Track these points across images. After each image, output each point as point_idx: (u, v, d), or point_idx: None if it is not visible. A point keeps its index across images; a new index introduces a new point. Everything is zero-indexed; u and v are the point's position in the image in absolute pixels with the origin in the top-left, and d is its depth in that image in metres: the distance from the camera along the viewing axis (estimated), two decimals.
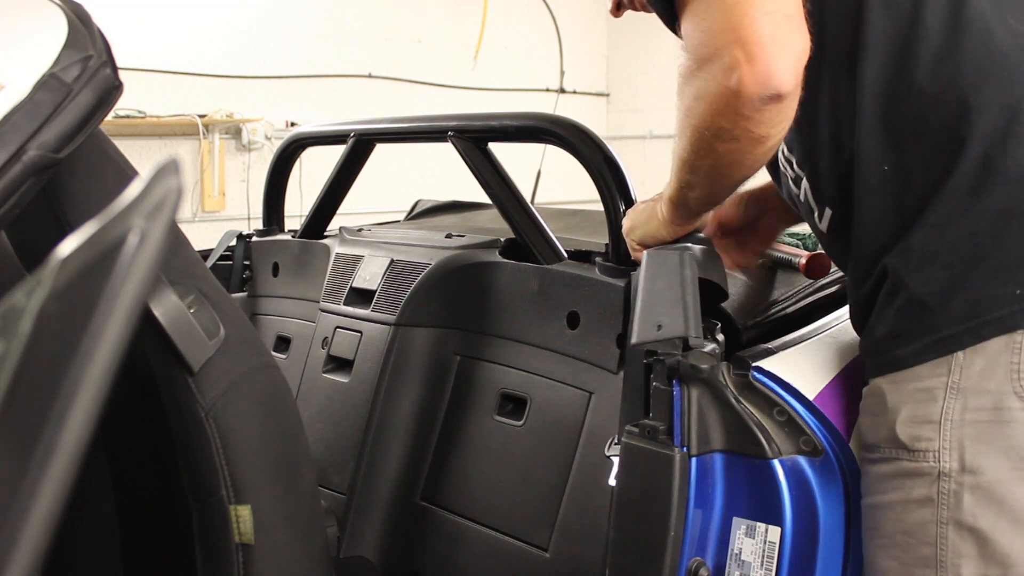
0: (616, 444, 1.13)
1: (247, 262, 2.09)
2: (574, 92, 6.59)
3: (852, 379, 1.14)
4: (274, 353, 1.89)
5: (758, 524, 1.04)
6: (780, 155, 1.17)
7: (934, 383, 0.96)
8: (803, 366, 1.13)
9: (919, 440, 0.96)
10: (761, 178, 1.34)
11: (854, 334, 1.16)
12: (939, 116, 0.97)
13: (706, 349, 1.08)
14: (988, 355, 0.93)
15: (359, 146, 1.88)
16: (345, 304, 1.74)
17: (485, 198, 1.64)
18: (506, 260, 1.54)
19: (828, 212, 1.10)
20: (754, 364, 1.09)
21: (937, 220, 0.97)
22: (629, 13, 1.28)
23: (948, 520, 0.94)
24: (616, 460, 1.10)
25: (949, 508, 0.94)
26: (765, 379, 1.08)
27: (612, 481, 1.11)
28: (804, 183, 1.13)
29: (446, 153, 1.70)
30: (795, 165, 1.14)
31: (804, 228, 1.71)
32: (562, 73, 6.46)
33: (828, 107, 1.04)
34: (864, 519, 1.04)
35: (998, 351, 0.93)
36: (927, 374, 0.96)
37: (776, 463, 1.04)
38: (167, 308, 1.10)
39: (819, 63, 0.97)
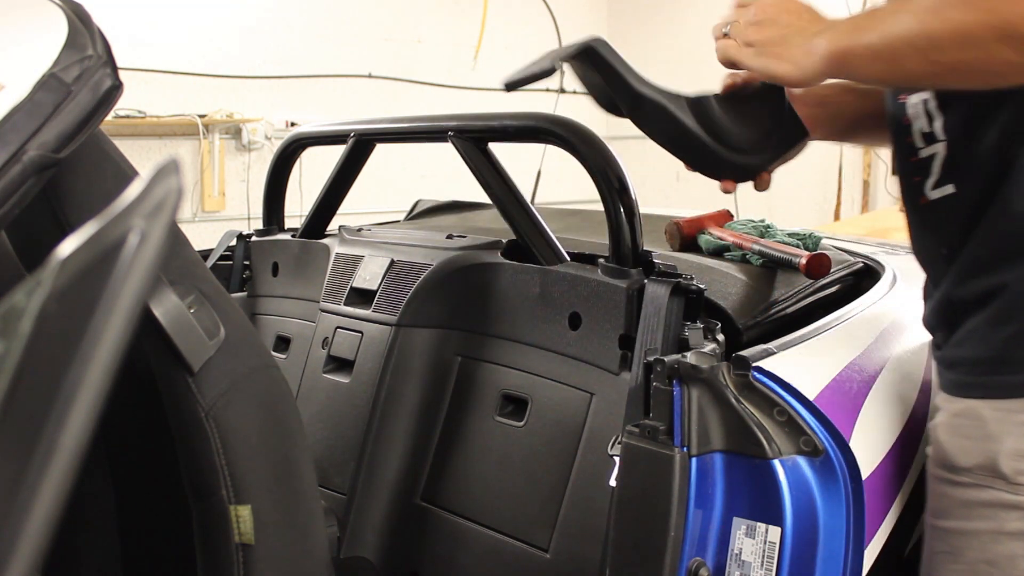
0: (619, 443, 1.13)
1: (247, 262, 2.09)
2: (574, 92, 6.58)
3: (852, 379, 1.14)
4: (274, 353, 1.89)
5: (758, 524, 1.04)
6: (924, 104, 1.07)
7: None
8: (803, 366, 1.13)
9: (1023, 474, 0.94)
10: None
11: (855, 334, 1.16)
12: None
13: (706, 349, 1.08)
14: None
15: (359, 146, 1.87)
16: (345, 304, 1.74)
17: (485, 198, 1.64)
18: (507, 261, 1.54)
19: (950, 188, 1.04)
20: (754, 364, 1.09)
21: None
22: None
23: None
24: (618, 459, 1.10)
25: None
26: (765, 379, 1.08)
27: (613, 481, 1.10)
28: (939, 147, 1.05)
29: (446, 153, 1.70)
30: (937, 125, 1.05)
31: (803, 228, 1.71)
32: (562, 73, 6.44)
33: (1010, 113, 0.97)
34: (936, 541, 1.02)
35: None
36: None
37: (776, 463, 1.04)
38: (167, 308, 1.09)
39: None
